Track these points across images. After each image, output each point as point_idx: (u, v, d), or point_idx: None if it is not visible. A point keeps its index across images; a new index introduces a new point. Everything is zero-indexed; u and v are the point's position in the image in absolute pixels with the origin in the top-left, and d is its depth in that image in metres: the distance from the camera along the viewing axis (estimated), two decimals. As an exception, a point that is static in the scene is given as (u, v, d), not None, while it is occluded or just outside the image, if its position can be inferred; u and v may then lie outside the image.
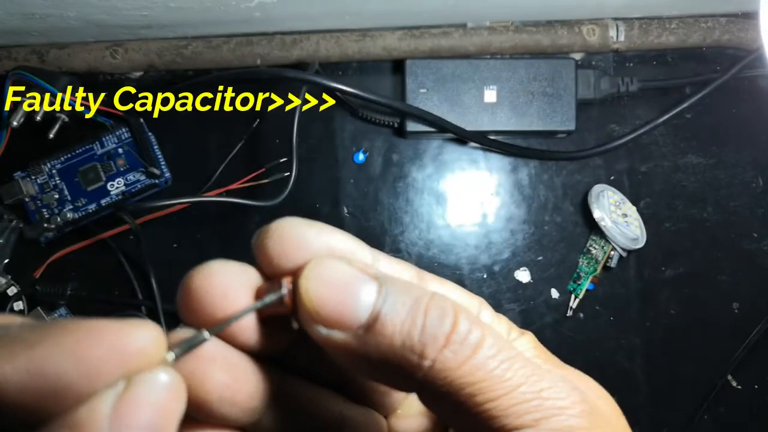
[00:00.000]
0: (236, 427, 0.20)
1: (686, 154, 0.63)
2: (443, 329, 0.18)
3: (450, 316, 0.19)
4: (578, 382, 0.21)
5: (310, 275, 0.19)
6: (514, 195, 0.63)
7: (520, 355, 0.19)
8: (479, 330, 0.19)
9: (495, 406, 0.18)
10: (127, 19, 0.57)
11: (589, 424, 0.19)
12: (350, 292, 0.19)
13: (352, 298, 0.19)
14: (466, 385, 0.18)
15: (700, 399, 0.62)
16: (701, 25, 0.61)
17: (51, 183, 0.58)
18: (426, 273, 0.24)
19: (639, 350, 0.61)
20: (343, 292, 0.19)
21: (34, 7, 0.53)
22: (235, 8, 0.55)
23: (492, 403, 0.18)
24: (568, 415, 0.19)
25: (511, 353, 0.19)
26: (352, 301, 0.19)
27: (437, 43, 0.60)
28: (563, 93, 0.60)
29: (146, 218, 0.59)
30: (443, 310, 0.19)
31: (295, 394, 0.22)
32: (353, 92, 0.56)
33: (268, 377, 0.21)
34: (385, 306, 0.19)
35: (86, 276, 0.60)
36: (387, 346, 0.18)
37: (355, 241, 0.21)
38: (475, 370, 0.18)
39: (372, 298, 0.19)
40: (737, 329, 0.62)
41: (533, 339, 0.24)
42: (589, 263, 0.61)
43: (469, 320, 0.19)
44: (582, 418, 0.19)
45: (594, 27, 0.61)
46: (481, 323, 0.19)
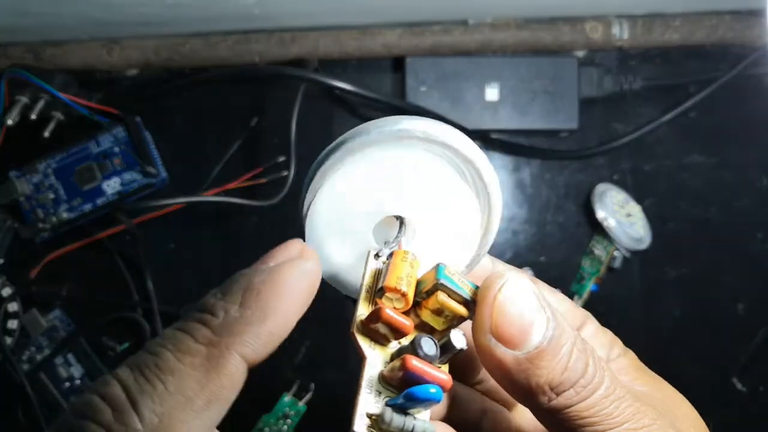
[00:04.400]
0: None
1: (690, 153, 0.62)
2: (577, 373, 0.22)
3: (584, 361, 0.22)
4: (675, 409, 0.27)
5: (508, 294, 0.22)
6: (516, 195, 0.62)
7: (629, 395, 0.22)
8: (602, 374, 0.22)
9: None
10: (124, 16, 0.56)
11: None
12: (530, 321, 0.22)
13: (530, 328, 0.22)
14: (580, 417, 0.22)
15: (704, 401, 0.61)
16: (705, 23, 0.60)
17: (46, 182, 0.58)
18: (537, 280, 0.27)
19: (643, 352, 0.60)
20: (525, 319, 0.22)
21: (28, 4, 0.52)
22: (233, 5, 0.54)
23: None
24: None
25: (622, 393, 0.22)
26: (529, 330, 0.22)
27: (438, 40, 0.59)
28: (566, 91, 0.59)
29: (143, 218, 0.59)
30: (582, 355, 0.22)
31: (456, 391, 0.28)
32: (353, 90, 0.55)
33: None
34: (548, 343, 0.21)
35: (82, 276, 0.60)
36: (533, 375, 0.21)
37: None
38: (590, 407, 0.22)
39: (542, 333, 0.22)
40: (742, 330, 0.62)
41: (634, 359, 0.29)
42: (592, 264, 0.60)
43: (595, 365, 0.22)
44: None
45: (597, 24, 0.60)
46: (603, 366, 0.22)
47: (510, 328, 0.22)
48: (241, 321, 0.19)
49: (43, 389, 0.57)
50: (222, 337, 0.19)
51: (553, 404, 0.22)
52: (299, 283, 0.20)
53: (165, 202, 0.57)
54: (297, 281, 0.20)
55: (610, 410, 0.22)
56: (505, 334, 0.22)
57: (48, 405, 0.57)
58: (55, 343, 0.58)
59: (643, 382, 0.27)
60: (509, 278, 0.22)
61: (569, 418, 0.22)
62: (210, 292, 0.21)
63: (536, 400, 0.22)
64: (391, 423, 0.21)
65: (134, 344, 0.58)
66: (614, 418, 0.22)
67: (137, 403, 0.17)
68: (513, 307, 0.22)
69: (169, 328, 0.20)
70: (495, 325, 0.22)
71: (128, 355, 0.19)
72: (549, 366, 0.21)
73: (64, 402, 0.57)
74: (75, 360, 0.58)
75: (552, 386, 0.21)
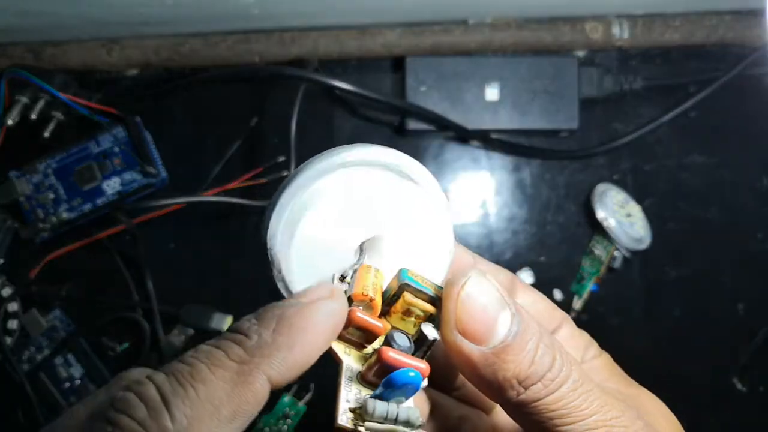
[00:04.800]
0: None
1: (690, 153, 0.62)
2: (544, 367, 0.22)
3: (550, 356, 0.23)
4: (647, 405, 0.26)
5: (470, 290, 0.23)
6: (516, 194, 0.62)
7: (597, 388, 0.23)
8: (569, 368, 0.23)
9: (569, 429, 0.22)
10: (124, 16, 0.56)
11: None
12: (493, 316, 0.22)
13: (494, 323, 0.22)
14: (549, 410, 0.22)
15: (704, 401, 0.61)
16: (705, 23, 0.60)
17: (46, 182, 0.58)
18: (517, 279, 0.28)
19: (643, 352, 0.61)
20: (489, 314, 0.22)
21: (28, 4, 0.52)
22: (233, 5, 0.54)
23: (567, 426, 0.22)
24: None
25: (590, 386, 0.23)
26: (492, 326, 0.22)
27: (438, 40, 0.59)
28: (566, 91, 0.59)
29: (143, 218, 0.58)
30: (548, 350, 0.23)
31: (434, 399, 0.29)
32: (353, 90, 0.55)
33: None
34: (513, 338, 0.22)
35: (82, 276, 0.60)
36: (500, 369, 0.22)
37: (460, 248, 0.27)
38: (558, 400, 0.22)
39: (506, 328, 0.22)
40: (742, 330, 0.62)
41: (609, 361, 0.28)
42: (592, 264, 0.60)
43: (562, 359, 0.23)
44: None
45: (597, 24, 0.60)
46: (571, 360, 0.23)
47: (474, 323, 0.22)
48: (272, 346, 0.21)
49: (43, 389, 0.57)
50: (253, 357, 0.20)
51: (522, 398, 0.22)
52: (327, 321, 0.22)
53: (165, 202, 0.57)
54: (325, 318, 0.22)
55: (577, 403, 0.22)
56: (470, 329, 0.22)
57: (48, 405, 0.57)
58: (55, 343, 0.58)
59: (615, 381, 0.28)
60: (472, 275, 0.23)
61: (538, 411, 0.22)
62: (244, 317, 0.22)
63: (505, 395, 0.22)
64: (375, 412, 0.21)
65: (134, 344, 0.58)
66: (582, 411, 0.22)
67: (170, 404, 0.19)
68: (476, 303, 0.23)
69: (205, 344, 0.21)
70: (459, 321, 0.22)
71: (128, 355, 0.20)
72: (515, 360, 0.22)
73: (64, 402, 0.57)
74: (75, 360, 0.58)
75: (519, 380, 0.22)
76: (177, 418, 0.19)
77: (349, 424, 0.21)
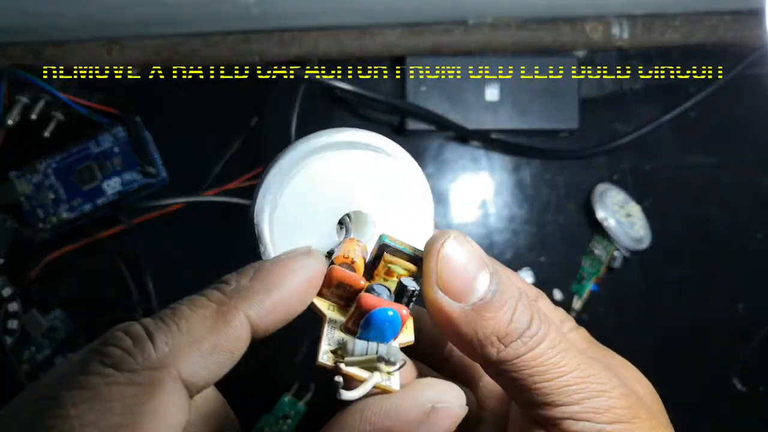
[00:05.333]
0: None
1: (690, 153, 0.62)
2: (522, 325, 0.23)
3: (528, 315, 0.24)
4: (623, 370, 0.27)
5: (450, 246, 0.23)
6: (516, 194, 0.62)
7: (574, 348, 0.24)
8: (546, 327, 0.24)
9: (549, 386, 0.23)
10: (124, 16, 0.56)
11: (626, 404, 0.24)
12: (473, 274, 0.23)
13: (473, 280, 0.23)
14: (528, 367, 0.23)
15: (704, 401, 0.61)
16: (705, 23, 0.60)
17: (46, 182, 0.58)
18: (496, 261, 0.28)
19: (643, 352, 0.61)
20: (469, 272, 0.23)
21: (28, 4, 0.52)
22: (233, 4, 0.54)
23: (547, 383, 0.23)
24: (609, 396, 0.23)
25: (567, 345, 0.24)
26: (472, 283, 0.23)
27: (438, 40, 0.59)
28: (566, 91, 0.59)
29: (142, 218, 0.58)
30: (526, 309, 0.24)
31: (423, 374, 0.29)
32: (353, 90, 0.55)
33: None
34: (492, 296, 0.23)
35: (82, 276, 0.60)
36: (480, 326, 0.23)
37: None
38: (537, 357, 0.23)
39: (485, 286, 0.23)
40: (742, 330, 0.62)
41: (586, 334, 0.29)
42: (592, 264, 0.60)
43: (540, 319, 0.24)
44: (620, 399, 0.24)
45: (597, 24, 0.60)
46: (549, 320, 0.24)
47: (454, 279, 0.23)
48: (250, 289, 0.22)
49: (43, 389, 0.57)
50: (231, 299, 0.22)
51: (502, 355, 0.23)
52: (303, 271, 0.23)
53: (165, 202, 0.57)
54: (301, 269, 0.23)
55: (556, 360, 0.23)
56: (451, 286, 0.23)
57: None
58: (55, 343, 0.58)
59: (593, 351, 0.28)
60: (452, 234, 0.24)
61: (518, 368, 0.23)
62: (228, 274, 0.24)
63: (486, 352, 0.23)
64: (354, 349, 0.22)
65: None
66: (561, 368, 0.23)
67: (153, 335, 0.21)
68: (456, 260, 0.23)
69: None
70: (440, 278, 0.23)
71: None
72: (495, 317, 0.23)
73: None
74: (75, 360, 0.58)
75: (499, 337, 0.23)
76: (159, 347, 0.20)
77: (329, 362, 0.22)
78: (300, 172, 0.26)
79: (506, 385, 0.25)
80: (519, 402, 0.25)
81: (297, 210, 0.26)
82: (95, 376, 0.19)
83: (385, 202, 0.27)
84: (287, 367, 0.59)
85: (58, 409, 0.18)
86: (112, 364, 0.20)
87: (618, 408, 0.23)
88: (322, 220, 0.26)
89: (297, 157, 0.26)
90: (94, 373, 0.19)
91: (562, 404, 0.23)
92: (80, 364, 0.20)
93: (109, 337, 0.21)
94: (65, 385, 0.19)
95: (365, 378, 0.22)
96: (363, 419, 0.22)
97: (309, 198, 0.26)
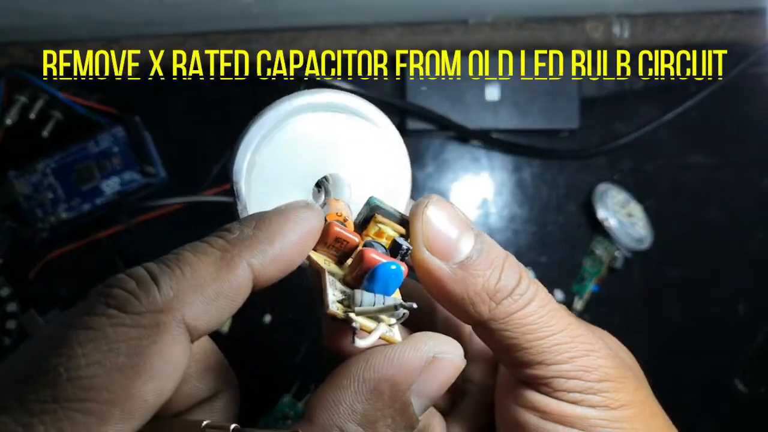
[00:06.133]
0: None
1: (691, 153, 0.62)
2: (512, 282, 0.24)
3: (517, 273, 0.24)
4: (606, 338, 0.28)
5: (433, 208, 0.24)
6: (517, 194, 0.62)
7: (563, 309, 0.25)
8: (536, 287, 0.25)
9: (540, 344, 0.24)
10: (124, 15, 0.56)
11: (613, 364, 0.25)
12: (458, 233, 0.24)
13: (459, 240, 0.24)
14: (521, 325, 0.24)
15: (705, 401, 0.61)
16: (706, 22, 0.60)
17: (45, 182, 0.58)
18: (482, 233, 0.29)
19: (644, 352, 0.60)
20: (453, 231, 0.24)
21: (28, 4, 0.52)
22: (233, 4, 0.54)
23: (538, 341, 0.24)
24: (597, 356, 0.24)
25: (557, 306, 0.25)
26: (458, 241, 0.24)
27: (438, 39, 0.59)
28: (566, 91, 0.59)
29: (142, 218, 0.58)
30: (513, 268, 0.24)
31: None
32: (352, 90, 0.55)
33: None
34: (478, 255, 0.24)
35: (81, 277, 0.59)
36: (470, 283, 0.24)
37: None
38: (528, 315, 0.24)
39: (470, 245, 0.24)
40: (743, 330, 0.61)
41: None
42: (593, 264, 0.60)
43: (528, 279, 0.25)
44: (607, 359, 0.25)
45: (598, 24, 0.60)
46: (537, 282, 0.25)
47: (440, 239, 0.24)
48: (253, 238, 0.22)
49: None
50: (234, 247, 0.22)
51: (495, 313, 0.24)
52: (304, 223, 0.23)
53: (164, 202, 0.56)
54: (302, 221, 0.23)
55: (546, 319, 0.24)
56: (437, 245, 0.24)
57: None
58: (54, 343, 0.58)
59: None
60: (433, 197, 0.25)
61: (510, 327, 0.24)
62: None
63: (477, 310, 0.24)
64: (363, 300, 0.23)
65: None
66: (551, 326, 0.24)
67: (158, 279, 0.21)
68: (441, 220, 0.24)
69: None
70: (427, 238, 0.24)
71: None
72: (483, 274, 0.24)
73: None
74: (74, 360, 0.57)
75: (489, 294, 0.24)
76: (164, 289, 0.20)
77: (340, 311, 0.23)
78: (280, 132, 0.26)
79: (496, 345, 0.25)
80: (508, 363, 0.26)
81: (275, 169, 0.26)
82: (100, 317, 0.19)
83: (362, 168, 0.27)
84: (287, 367, 0.59)
85: (65, 348, 0.19)
86: (117, 306, 0.20)
87: (605, 367, 0.24)
88: (300, 181, 0.27)
89: (277, 117, 0.26)
90: (100, 314, 0.19)
91: (554, 363, 0.24)
92: (86, 306, 0.20)
93: (114, 279, 0.21)
94: (72, 324, 0.19)
95: (372, 328, 0.23)
96: (368, 366, 0.23)
97: (288, 158, 0.26)
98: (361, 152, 0.27)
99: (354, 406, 0.22)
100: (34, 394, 0.18)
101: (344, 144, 0.27)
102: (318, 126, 0.26)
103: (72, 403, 0.18)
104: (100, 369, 0.18)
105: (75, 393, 0.18)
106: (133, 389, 0.19)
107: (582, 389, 0.24)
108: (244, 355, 0.58)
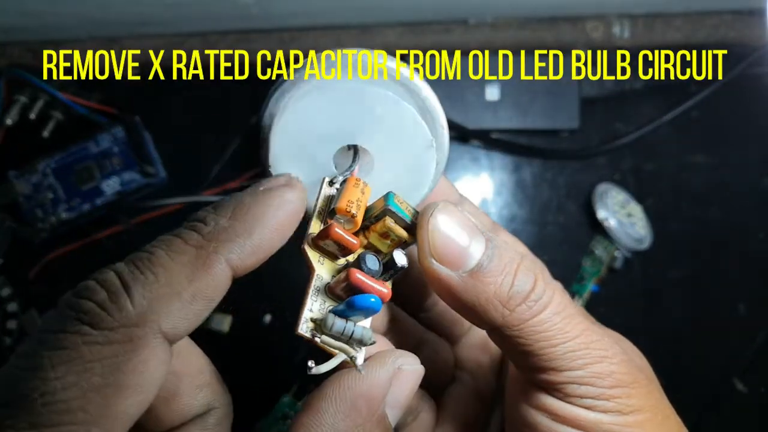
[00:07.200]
0: None
1: (691, 153, 0.62)
2: (526, 288, 0.23)
3: (532, 278, 0.24)
4: (620, 341, 0.28)
5: (439, 217, 0.23)
6: (517, 194, 0.62)
7: (579, 313, 0.24)
8: (551, 291, 0.24)
9: (553, 351, 0.23)
10: (123, 15, 0.56)
11: (626, 370, 0.24)
12: (466, 241, 0.23)
13: (466, 248, 0.23)
14: (534, 333, 0.23)
15: (705, 402, 0.61)
16: (706, 22, 0.60)
17: (45, 182, 0.58)
18: (499, 226, 0.29)
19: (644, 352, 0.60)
20: (461, 240, 0.23)
21: (28, 4, 0.52)
22: (232, 4, 0.54)
23: (552, 348, 0.23)
24: (610, 362, 0.24)
25: (572, 311, 0.24)
26: (466, 250, 0.23)
27: (438, 39, 0.59)
28: (566, 91, 0.59)
29: (142, 218, 0.58)
30: (528, 272, 0.24)
31: (395, 316, 0.31)
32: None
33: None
34: (489, 261, 0.23)
35: (81, 277, 0.59)
36: (481, 291, 0.23)
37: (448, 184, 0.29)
38: (543, 322, 0.23)
39: (480, 252, 0.23)
40: (743, 331, 0.61)
41: (583, 310, 0.29)
42: (593, 264, 0.60)
43: (545, 282, 0.24)
44: (621, 365, 0.24)
45: (598, 24, 0.60)
46: (554, 284, 0.24)
47: (447, 249, 0.23)
48: (230, 230, 0.21)
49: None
50: (211, 242, 0.21)
51: (508, 320, 0.23)
52: (285, 206, 0.22)
53: (164, 202, 0.56)
54: (283, 204, 0.22)
55: (561, 326, 0.23)
56: (444, 255, 0.23)
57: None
58: (54, 343, 0.58)
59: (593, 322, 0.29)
60: (440, 204, 0.24)
61: (524, 334, 0.23)
62: (203, 208, 0.23)
63: (490, 317, 0.23)
64: (333, 327, 0.23)
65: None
66: (566, 333, 0.23)
67: (130, 288, 0.20)
68: (450, 227, 0.23)
69: (164, 234, 0.22)
70: (435, 246, 0.23)
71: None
72: (495, 282, 0.23)
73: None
74: (74, 360, 0.57)
75: (502, 302, 0.23)
76: (137, 300, 0.19)
77: (308, 333, 0.23)
78: (314, 91, 0.25)
79: (509, 349, 0.25)
80: (521, 366, 0.25)
81: (301, 128, 0.25)
82: (73, 336, 0.19)
83: (392, 148, 0.26)
84: (287, 367, 0.58)
85: (39, 371, 0.18)
86: (89, 322, 0.19)
87: (618, 373, 0.24)
88: (322, 146, 0.26)
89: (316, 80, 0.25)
90: (73, 332, 0.19)
91: (567, 369, 0.24)
92: (57, 321, 0.19)
93: (83, 288, 0.20)
94: (45, 343, 0.19)
95: (336, 353, 0.24)
96: (342, 386, 0.23)
97: (317, 119, 0.25)
98: (390, 133, 0.26)
99: (336, 426, 0.23)
100: (10, 419, 0.18)
101: (375, 121, 0.25)
102: (353, 97, 0.25)
103: (49, 429, 0.18)
104: (77, 391, 0.18)
105: (51, 418, 0.18)
106: (111, 407, 0.19)
107: (595, 395, 0.24)
108: (244, 355, 0.58)
